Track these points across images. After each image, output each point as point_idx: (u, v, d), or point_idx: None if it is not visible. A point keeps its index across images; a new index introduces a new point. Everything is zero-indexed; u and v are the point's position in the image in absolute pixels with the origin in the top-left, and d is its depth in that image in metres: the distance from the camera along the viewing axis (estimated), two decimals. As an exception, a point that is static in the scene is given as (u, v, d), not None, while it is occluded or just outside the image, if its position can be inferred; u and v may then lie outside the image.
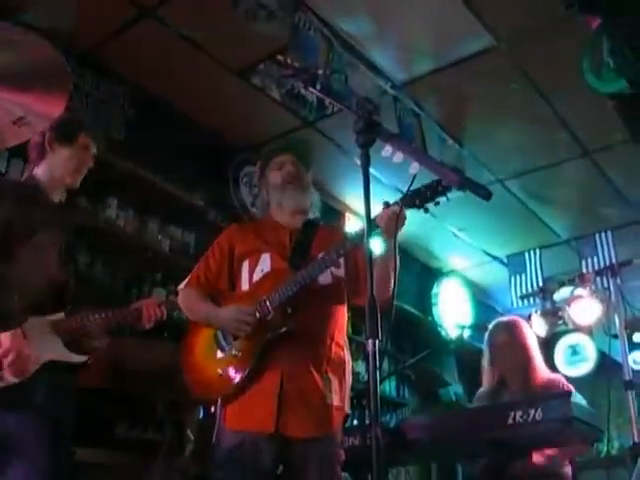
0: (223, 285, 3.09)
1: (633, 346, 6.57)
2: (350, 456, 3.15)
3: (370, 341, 2.00)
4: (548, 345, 7.53)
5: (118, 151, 4.84)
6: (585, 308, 7.45)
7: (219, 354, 2.93)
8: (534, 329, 6.73)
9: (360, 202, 2.30)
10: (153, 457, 3.89)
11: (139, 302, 3.17)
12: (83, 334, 2.98)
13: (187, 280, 3.15)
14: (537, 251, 7.83)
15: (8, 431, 2.70)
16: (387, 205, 2.73)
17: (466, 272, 8.76)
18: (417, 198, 2.68)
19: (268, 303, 2.85)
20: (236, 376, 2.83)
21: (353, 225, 6.49)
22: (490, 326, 4.33)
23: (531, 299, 7.59)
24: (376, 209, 2.44)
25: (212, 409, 3.03)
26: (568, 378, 4.18)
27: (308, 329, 2.86)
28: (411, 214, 2.74)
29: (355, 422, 4.74)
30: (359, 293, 3.01)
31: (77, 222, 3.53)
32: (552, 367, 4.50)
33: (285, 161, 3.18)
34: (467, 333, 4.28)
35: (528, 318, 6.33)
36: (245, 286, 3.02)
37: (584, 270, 7.51)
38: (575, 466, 3.99)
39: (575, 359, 8.18)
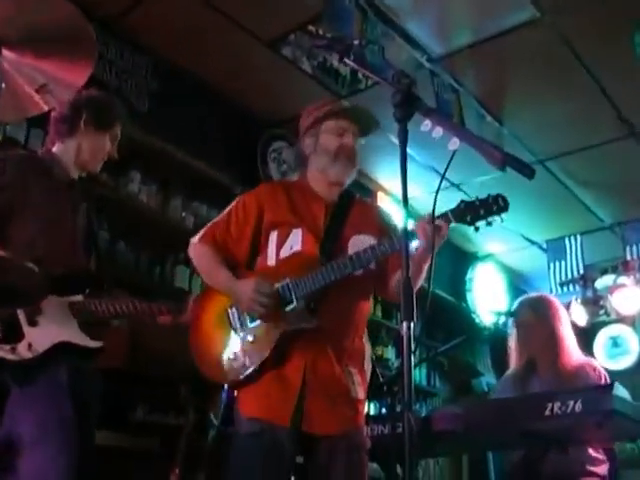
0: (241, 254, 2.97)
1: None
2: (379, 445, 3.15)
3: (404, 324, 1.98)
4: (588, 336, 7.48)
5: (141, 124, 4.86)
6: (628, 297, 7.42)
7: (231, 335, 2.85)
8: (573, 318, 6.70)
9: (392, 182, 2.28)
10: (174, 442, 3.92)
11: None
12: (100, 319, 2.99)
13: (202, 234, 3.02)
14: (578, 236, 7.77)
15: (24, 413, 2.72)
16: (431, 218, 2.58)
17: (503, 257, 8.70)
18: (469, 214, 2.63)
19: (292, 291, 2.77)
20: (249, 364, 2.77)
21: (385, 205, 6.47)
22: (516, 303, 4.27)
23: (571, 286, 7.56)
24: (411, 190, 2.39)
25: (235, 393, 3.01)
26: (608, 371, 4.11)
27: (332, 323, 2.80)
28: (446, 192, 2.70)
29: (384, 410, 4.75)
30: (386, 287, 2.97)
31: (97, 196, 3.55)
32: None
33: (347, 129, 3.01)
34: (502, 320, 4.24)
35: (567, 306, 6.29)
36: (271, 261, 2.91)
37: (628, 257, 7.46)
38: (615, 464, 3.95)
39: (616, 351, 8.11)
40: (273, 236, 2.93)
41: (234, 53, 5.41)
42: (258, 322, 2.81)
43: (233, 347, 2.83)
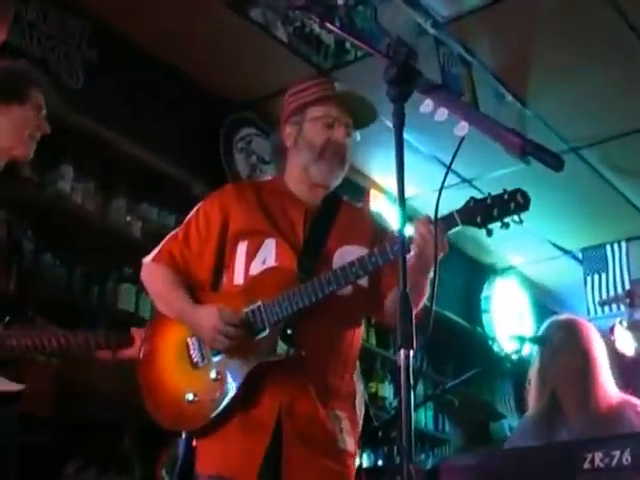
0: (204, 273, 2.98)
1: None
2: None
3: (402, 351, 1.96)
4: (637, 367, 7.47)
5: (74, 104, 4.83)
6: (688, 319, 7.42)
7: (190, 371, 2.85)
8: (619, 345, 6.70)
9: (388, 176, 2.26)
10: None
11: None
12: (20, 355, 2.97)
13: (157, 252, 3.03)
14: (623, 243, 7.81)
15: None
16: (430, 220, 2.58)
17: (527, 270, 8.75)
18: (479, 214, 2.62)
19: (264, 316, 2.76)
20: (212, 407, 2.75)
21: (380, 205, 6.45)
22: (542, 327, 4.27)
23: (614, 306, 7.56)
24: (410, 186, 2.37)
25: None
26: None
27: (313, 354, 2.76)
28: (455, 189, 2.69)
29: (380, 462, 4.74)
30: (380, 309, 2.95)
31: (18, 198, 3.51)
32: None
33: (340, 120, 3.02)
34: (528, 348, 4.21)
35: (611, 330, 6.29)
36: (238, 279, 2.91)
37: (687, 269, 7.49)
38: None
39: (674, 388, 8.12)
40: (242, 248, 2.93)
41: (190, 16, 5.39)
42: (223, 355, 2.80)
43: (193, 386, 2.81)
